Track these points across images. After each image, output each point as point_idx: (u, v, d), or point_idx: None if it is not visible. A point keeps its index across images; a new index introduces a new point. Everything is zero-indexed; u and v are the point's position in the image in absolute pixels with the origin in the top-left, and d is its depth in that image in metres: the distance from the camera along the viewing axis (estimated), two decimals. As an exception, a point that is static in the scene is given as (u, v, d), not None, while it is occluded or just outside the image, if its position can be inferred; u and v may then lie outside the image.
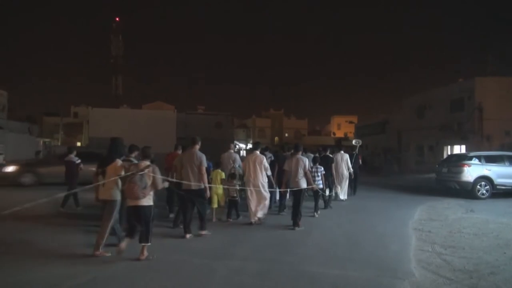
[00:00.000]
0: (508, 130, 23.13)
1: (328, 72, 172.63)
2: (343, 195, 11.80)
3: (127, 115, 38.52)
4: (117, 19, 74.24)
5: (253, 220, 7.97)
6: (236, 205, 8.46)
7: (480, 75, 24.89)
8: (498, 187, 12.52)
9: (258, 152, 8.33)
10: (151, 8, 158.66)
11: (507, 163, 12.89)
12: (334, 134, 67.91)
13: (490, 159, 13.08)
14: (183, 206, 7.02)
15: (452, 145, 26.23)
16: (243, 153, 45.36)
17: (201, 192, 6.75)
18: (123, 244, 5.36)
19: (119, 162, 5.73)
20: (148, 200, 5.39)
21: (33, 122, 45.71)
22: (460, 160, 13.55)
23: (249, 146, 55.87)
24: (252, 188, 7.97)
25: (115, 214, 5.73)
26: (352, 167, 11.99)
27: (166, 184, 6.12)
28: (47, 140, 48.40)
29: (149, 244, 5.36)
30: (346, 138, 56.99)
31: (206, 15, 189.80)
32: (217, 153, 9.95)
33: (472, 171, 12.65)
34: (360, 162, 14.42)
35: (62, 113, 51.57)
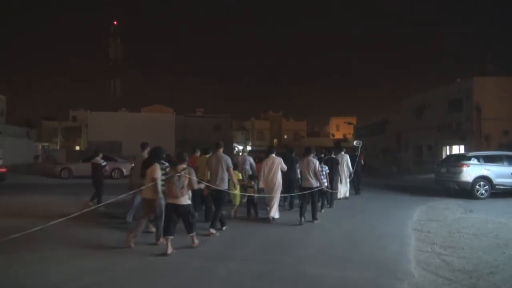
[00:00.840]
0: (506, 129, 23.17)
1: (326, 73, 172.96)
2: (343, 194, 12.31)
3: (126, 118, 38.61)
4: (115, 22, 74.53)
5: (270, 218, 8.52)
6: (254, 204, 9.14)
7: (478, 75, 24.94)
8: (497, 187, 12.52)
9: (274, 155, 8.92)
10: (150, 10, 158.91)
11: (506, 163, 12.90)
12: (333, 135, 67.95)
13: (489, 159, 13.10)
14: (215, 204, 7.70)
15: (451, 145, 26.27)
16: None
17: (224, 193, 7.57)
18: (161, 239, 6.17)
19: (157, 165, 6.36)
20: (185, 199, 6.08)
21: (31, 127, 45.71)
22: (459, 160, 13.56)
23: (249, 148, 55.94)
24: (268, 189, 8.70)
25: (159, 211, 6.36)
26: (355, 167, 12.78)
27: (202, 186, 7.02)
28: (45, 144, 48.43)
29: (195, 233, 6.19)
30: (345, 139, 57.06)
31: (205, 16, 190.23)
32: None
33: (471, 171, 12.66)
34: (362, 162, 14.84)
35: (61, 117, 51.47)
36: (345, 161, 12.34)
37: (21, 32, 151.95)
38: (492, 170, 12.66)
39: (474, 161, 12.97)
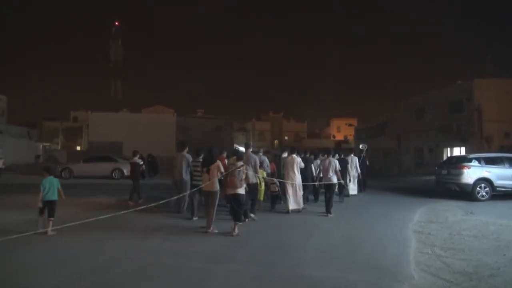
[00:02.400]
0: (507, 131, 23.15)
1: (327, 75, 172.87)
2: (351, 191, 13.54)
3: (127, 119, 38.62)
4: (116, 23, 74.57)
5: (289, 210, 9.75)
6: (276, 198, 10.48)
7: (479, 77, 24.92)
8: (498, 189, 12.49)
9: (294, 155, 10.16)
10: (150, 11, 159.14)
11: (507, 165, 12.87)
12: (333, 137, 67.94)
13: (489, 161, 13.07)
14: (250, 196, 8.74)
15: (451, 147, 26.25)
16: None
17: (252, 187, 8.81)
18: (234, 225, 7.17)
19: (219, 162, 7.58)
20: (242, 189, 7.39)
21: (32, 127, 45.72)
22: (459, 162, 13.54)
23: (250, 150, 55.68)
24: (290, 185, 9.85)
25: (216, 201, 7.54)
26: (360, 168, 13.89)
27: (255, 179, 8.93)
28: (46, 144, 48.40)
29: (241, 223, 7.24)
30: (346, 141, 57.07)
31: (205, 17, 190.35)
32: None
33: (471, 173, 12.64)
34: (367, 163, 16.31)
35: (62, 118, 51.56)
36: (354, 162, 13.66)
37: (22, 32, 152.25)
38: (493, 172, 12.63)
39: (475, 163, 12.94)
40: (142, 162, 12.34)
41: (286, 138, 64.19)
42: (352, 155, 14.05)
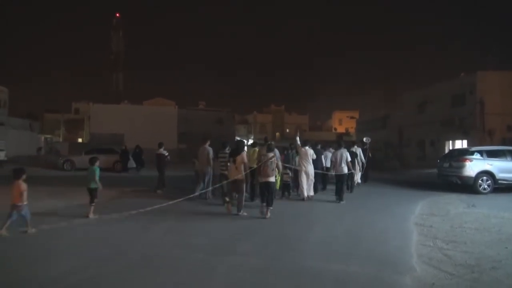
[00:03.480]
0: (510, 124, 23.09)
1: (329, 67, 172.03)
2: (357, 181, 14.23)
3: (128, 111, 38.56)
4: (117, 15, 74.23)
5: (304, 197, 10.60)
6: (288, 188, 11.22)
7: (481, 69, 24.77)
8: (499, 182, 12.48)
9: (307, 147, 10.98)
10: (152, 2, 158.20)
11: (509, 158, 12.83)
12: (335, 129, 67.82)
13: (491, 154, 13.02)
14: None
15: (453, 140, 26.21)
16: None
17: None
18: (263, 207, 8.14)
19: (245, 153, 8.58)
20: (273, 178, 8.35)
21: (34, 119, 45.78)
22: (461, 155, 13.50)
23: (250, 141, 55.88)
24: (304, 174, 10.71)
25: (244, 187, 8.59)
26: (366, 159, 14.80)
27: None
28: (48, 136, 48.51)
29: (272, 207, 8.14)
30: (347, 134, 56.96)
31: (207, 9, 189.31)
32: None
33: (473, 166, 12.61)
34: (370, 155, 16.97)
35: (63, 110, 51.54)
36: (358, 153, 14.28)
37: (23, 24, 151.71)
38: (495, 165, 12.60)
39: (477, 155, 12.91)
40: (167, 153, 12.95)
41: (287, 130, 64.14)
42: (356, 146, 14.67)
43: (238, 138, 43.49)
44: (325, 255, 5.54)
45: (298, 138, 11.26)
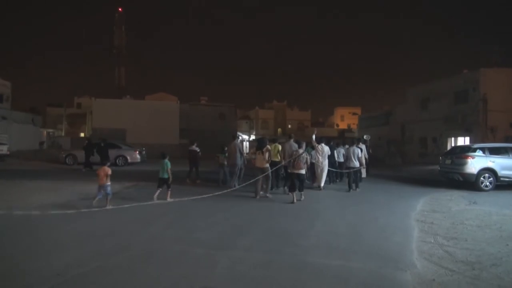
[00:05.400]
0: (512, 122, 22.98)
1: (331, 64, 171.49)
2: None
3: (130, 106, 38.47)
4: (120, 9, 73.98)
5: (321, 187, 12.08)
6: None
7: (485, 66, 24.64)
8: (501, 179, 12.46)
9: (323, 144, 12.36)
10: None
11: (511, 155, 12.80)
12: (337, 125, 67.76)
13: (494, 151, 13.00)
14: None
15: (456, 137, 26.13)
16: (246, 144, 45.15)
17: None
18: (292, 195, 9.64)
19: (268, 147, 10.52)
20: (304, 170, 9.98)
21: (36, 113, 45.77)
22: (463, 152, 13.47)
23: (252, 137, 55.93)
24: (320, 168, 12.16)
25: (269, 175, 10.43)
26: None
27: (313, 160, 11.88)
28: (50, 130, 48.60)
29: (303, 192, 10.08)
30: (349, 130, 56.88)
31: (207, 3, 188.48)
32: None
33: (475, 163, 12.59)
34: (370, 151, 18.10)
35: (66, 104, 51.55)
36: (363, 150, 14.49)
37: (26, 19, 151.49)
38: (497, 162, 12.58)
39: (479, 153, 12.87)
40: (199, 149, 14.09)
41: (289, 126, 64.07)
42: (361, 143, 14.84)
43: (240, 134, 43.47)
44: (326, 251, 5.56)
45: (314, 136, 12.35)
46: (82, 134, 52.66)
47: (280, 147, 11.77)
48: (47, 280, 4.19)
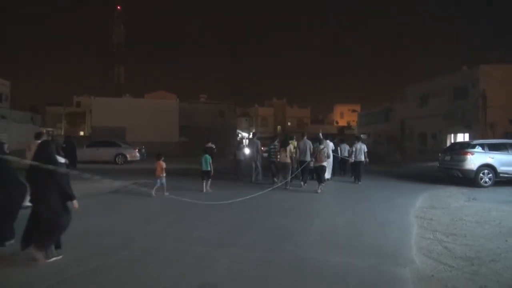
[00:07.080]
0: (512, 118, 22.96)
1: (330, 61, 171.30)
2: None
3: (129, 104, 38.46)
4: (118, 8, 73.78)
5: (327, 179, 13.03)
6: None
7: (484, 63, 24.61)
8: (501, 175, 12.45)
9: (328, 141, 13.68)
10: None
11: (510, 151, 12.76)
12: (337, 122, 67.72)
13: (493, 147, 12.98)
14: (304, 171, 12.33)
15: (455, 133, 26.14)
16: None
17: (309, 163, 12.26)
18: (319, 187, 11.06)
19: (291, 144, 12.04)
20: (325, 162, 11.44)
21: (36, 112, 45.74)
22: (463, 148, 13.46)
23: (251, 135, 55.79)
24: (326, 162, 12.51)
25: (289, 169, 11.95)
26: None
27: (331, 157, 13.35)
28: (50, 129, 48.52)
29: (324, 184, 11.29)
30: (349, 127, 56.88)
31: (207, 1, 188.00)
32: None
33: (475, 159, 12.59)
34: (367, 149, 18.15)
35: (65, 103, 51.51)
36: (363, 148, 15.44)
37: (25, 17, 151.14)
38: (496, 158, 12.57)
39: (478, 149, 12.87)
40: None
41: (289, 124, 64.06)
42: (361, 141, 15.00)
43: (240, 132, 43.34)
44: (325, 247, 5.57)
45: (320, 134, 13.17)
46: (81, 133, 52.65)
47: (295, 144, 12.53)
48: (46, 280, 4.20)
